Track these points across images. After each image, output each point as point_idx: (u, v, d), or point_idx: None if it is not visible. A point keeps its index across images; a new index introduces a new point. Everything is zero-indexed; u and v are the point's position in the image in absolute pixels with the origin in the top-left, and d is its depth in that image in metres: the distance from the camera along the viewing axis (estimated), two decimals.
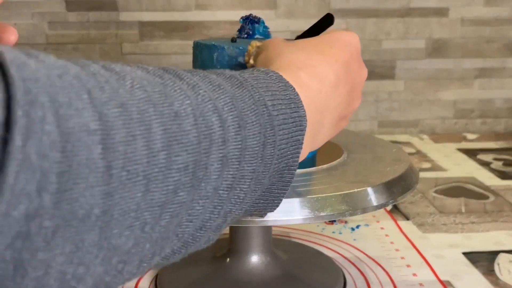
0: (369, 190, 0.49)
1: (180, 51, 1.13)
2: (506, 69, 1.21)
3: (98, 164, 0.22)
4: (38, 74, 0.21)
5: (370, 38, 1.17)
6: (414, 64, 1.19)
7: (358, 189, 0.48)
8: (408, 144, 1.14)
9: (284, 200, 0.45)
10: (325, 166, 0.55)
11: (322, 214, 0.46)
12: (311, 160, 0.56)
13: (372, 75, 1.19)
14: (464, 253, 0.66)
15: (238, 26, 0.57)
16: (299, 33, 0.52)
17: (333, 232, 0.72)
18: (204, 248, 0.65)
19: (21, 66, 0.20)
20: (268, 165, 0.33)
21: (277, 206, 0.38)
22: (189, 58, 0.57)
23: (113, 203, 0.22)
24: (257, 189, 0.33)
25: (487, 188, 0.88)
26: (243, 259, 0.57)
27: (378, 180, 0.50)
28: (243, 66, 0.50)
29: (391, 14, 1.16)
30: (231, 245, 0.58)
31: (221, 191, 0.29)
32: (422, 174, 0.93)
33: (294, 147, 0.35)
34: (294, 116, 0.35)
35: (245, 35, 0.57)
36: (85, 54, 1.12)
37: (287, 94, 0.36)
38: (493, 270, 0.62)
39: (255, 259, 0.57)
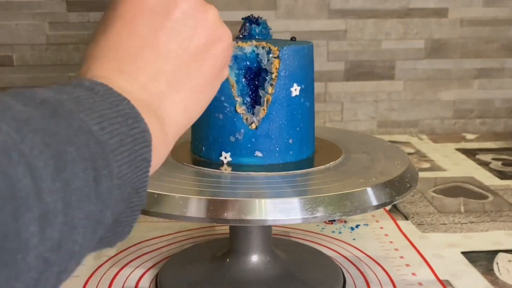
0: (369, 190, 0.49)
1: None
2: (505, 69, 1.22)
3: None
4: None
5: (369, 38, 1.17)
6: (413, 65, 1.20)
7: (358, 189, 0.48)
8: (407, 144, 1.14)
9: (284, 200, 0.46)
10: (324, 166, 0.55)
11: (321, 213, 0.46)
12: (310, 160, 0.56)
13: (372, 75, 1.19)
14: (463, 253, 0.67)
15: (238, 27, 0.58)
16: (299, 33, 0.52)
17: (333, 232, 0.73)
18: (204, 248, 0.65)
19: None
20: (108, 200, 0.28)
21: (129, 233, 0.32)
22: None
23: None
24: (97, 231, 0.28)
25: (486, 188, 0.88)
26: (243, 258, 0.57)
27: (378, 180, 0.51)
28: None
29: (391, 14, 1.16)
30: (231, 245, 0.59)
31: (47, 255, 0.24)
32: (422, 174, 0.93)
33: (140, 168, 0.30)
34: (135, 133, 0.30)
35: (241, 36, 0.57)
36: None
37: (121, 109, 0.30)
38: (492, 270, 0.63)
39: (255, 258, 0.57)
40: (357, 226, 0.74)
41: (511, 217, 0.77)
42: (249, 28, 0.57)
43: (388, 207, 0.80)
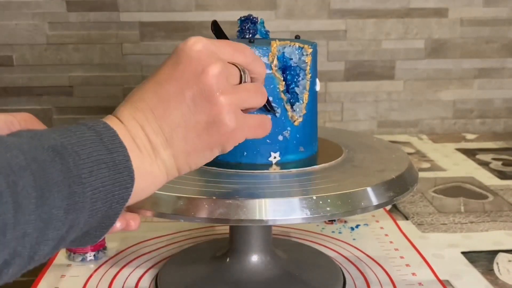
0: (369, 190, 0.49)
1: None
2: (505, 69, 1.22)
3: None
4: None
5: (369, 38, 1.17)
6: (413, 64, 1.19)
7: (358, 189, 0.48)
8: (407, 144, 1.14)
9: (284, 200, 0.46)
10: (325, 165, 0.55)
11: (321, 213, 0.46)
12: (311, 160, 0.56)
13: (372, 75, 1.19)
14: (463, 253, 0.67)
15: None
16: (299, 33, 0.53)
17: (333, 232, 0.73)
18: (204, 248, 0.65)
19: None
20: (76, 226, 0.34)
21: (97, 241, 0.39)
22: None
23: None
24: (62, 242, 0.34)
25: (486, 188, 0.88)
26: (243, 259, 0.57)
27: (378, 180, 0.51)
28: (267, 66, 0.51)
29: (391, 14, 1.16)
30: (231, 245, 0.59)
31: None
32: (422, 174, 0.93)
33: (115, 203, 0.36)
34: (117, 178, 0.36)
35: (250, 35, 0.57)
36: (86, 55, 1.13)
37: (114, 157, 0.36)
38: (492, 270, 0.62)
39: (255, 258, 0.57)
40: (357, 226, 0.74)
41: (511, 217, 0.77)
42: (253, 28, 0.57)
43: (388, 207, 0.80)
